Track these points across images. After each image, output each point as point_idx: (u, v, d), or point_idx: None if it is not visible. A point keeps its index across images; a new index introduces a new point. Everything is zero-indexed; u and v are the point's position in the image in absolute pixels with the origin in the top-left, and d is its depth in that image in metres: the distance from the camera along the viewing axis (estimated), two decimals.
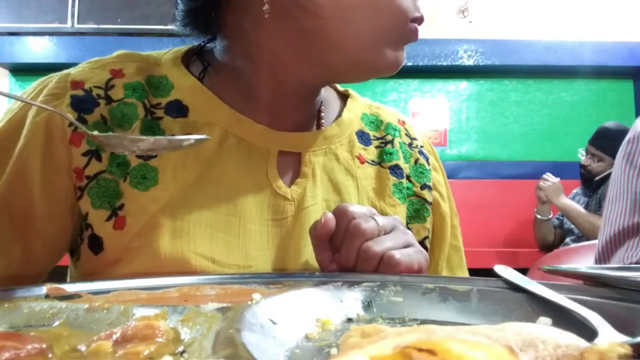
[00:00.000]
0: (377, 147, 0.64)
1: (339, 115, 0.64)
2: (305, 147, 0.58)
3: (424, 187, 0.65)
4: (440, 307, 0.37)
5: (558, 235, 2.69)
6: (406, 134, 0.69)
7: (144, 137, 0.41)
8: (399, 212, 0.62)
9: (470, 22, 3.31)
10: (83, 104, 0.52)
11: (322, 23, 0.51)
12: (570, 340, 0.22)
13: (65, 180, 0.52)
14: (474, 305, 0.37)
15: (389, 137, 0.66)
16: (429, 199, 0.65)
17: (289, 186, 0.56)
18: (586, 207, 2.57)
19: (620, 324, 0.28)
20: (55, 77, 0.55)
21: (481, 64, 3.27)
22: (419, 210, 0.64)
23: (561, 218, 2.68)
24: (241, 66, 0.57)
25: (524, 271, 0.46)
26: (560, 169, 3.04)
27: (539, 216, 2.66)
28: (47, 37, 3.18)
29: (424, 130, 3.37)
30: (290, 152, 0.58)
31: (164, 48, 0.61)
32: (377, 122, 0.67)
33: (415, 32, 0.54)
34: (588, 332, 0.27)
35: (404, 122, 0.70)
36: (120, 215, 0.51)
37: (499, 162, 3.30)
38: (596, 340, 0.26)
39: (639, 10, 3.29)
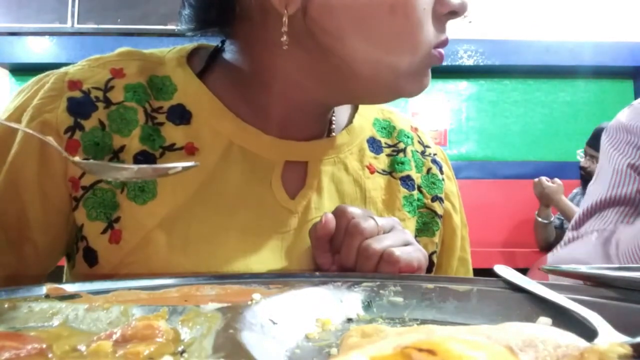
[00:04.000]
0: (388, 155, 0.62)
1: (350, 121, 0.61)
2: (313, 157, 0.56)
3: (435, 199, 0.63)
4: (440, 307, 0.37)
5: (559, 235, 2.69)
6: (419, 142, 0.66)
7: (127, 166, 0.40)
8: (408, 226, 0.59)
9: (470, 22, 3.30)
10: (80, 107, 0.50)
11: (342, 55, 0.48)
12: (570, 340, 0.22)
13: (60, 189, 0.50)
14: (474, 305, 0.37)
15: (402, 145, 0.63)
16: (440, 211, 0.63)
17: (294, 198, 0.54)
18: None
19: (620, 324, 0.28)
20: (52, 76, 0.52)
21: (481, 64, 3.27)
22: (428, 223, 0.62)
23: (562, 218, 2.68)
24: (251, 77, 0.54)
25: (524, 271, 0.46)
26: (560, 169, 3.04)
27: (540, 219, 2.65)
28: (47, 37, 3.18)
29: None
30: (298, 161, 0.56)
31: (164, 48, 0.59)
32: (389, 129, 0.64)
33: (440, 57, 0.51)
34: (588, 332, 0.27)
35: (416, 129, 0.67)
36: (117, 229, 0.49)
37: (499, 162, 3.30)
38: (596, 340, 0.26)
39: (639, 10, 3.29)
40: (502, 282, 0.39)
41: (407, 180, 0.61)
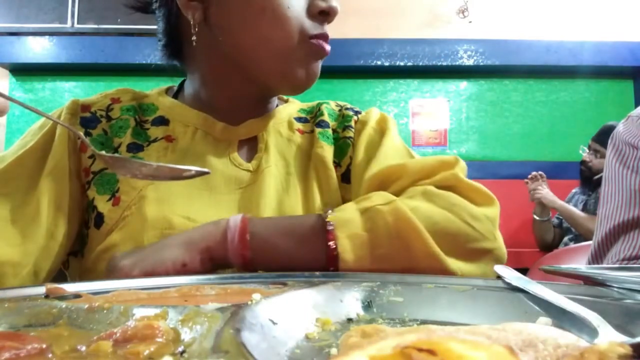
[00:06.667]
0: (311, 119, 0.78)
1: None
2: (257, 132, 0.73)
3: (345, 128, 0.76)
4: (440, 307, 0.37)
5: (557, 234, 2.70)
6: (336, 105, 0.80)
7: (147, 163, 0.47)
8: (327, 151, 0.72)
9: (470, 22, 3.31)
10: (89, 122, 0.69)
11: (238, 48, 0.65)
12: (570, 340, 0.22)
13: (78, 181, 0.65)
14: (474, 305, 0.37)
15: (320, 109, 0.78)
16: (351, 134, 0.75)
17: (250, 162, 0.70)
18: (584, 206, 2.57)
19: (620, 324, 0.28)
20: (67, 103, 0.70)
21: (481, 64, 3.27)
22: (342, 147, 0.75)
23: (560, 217, 2.68)
24: (199, 85, 0.72)
25: (524, 271, 0.47)
26: (560, 169, 3.04)
27: (536, 217, 2.67)
28: (47, 37, 3.18)
29: (424, 130, 3.37)
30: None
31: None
32: (311, 108, 0.80)
33: (322, 48, 0.65)
34: (588, 332, 0.27)
35: (339, 104, 0.80)
36: (117, 196, 0.65)
37: (499, 162, 3.31)
38: (596, 340, 0.26)
39: (639, 10, 3.29)
40: (502, 282, 0.39)
41: (321, 123, 0.76)
